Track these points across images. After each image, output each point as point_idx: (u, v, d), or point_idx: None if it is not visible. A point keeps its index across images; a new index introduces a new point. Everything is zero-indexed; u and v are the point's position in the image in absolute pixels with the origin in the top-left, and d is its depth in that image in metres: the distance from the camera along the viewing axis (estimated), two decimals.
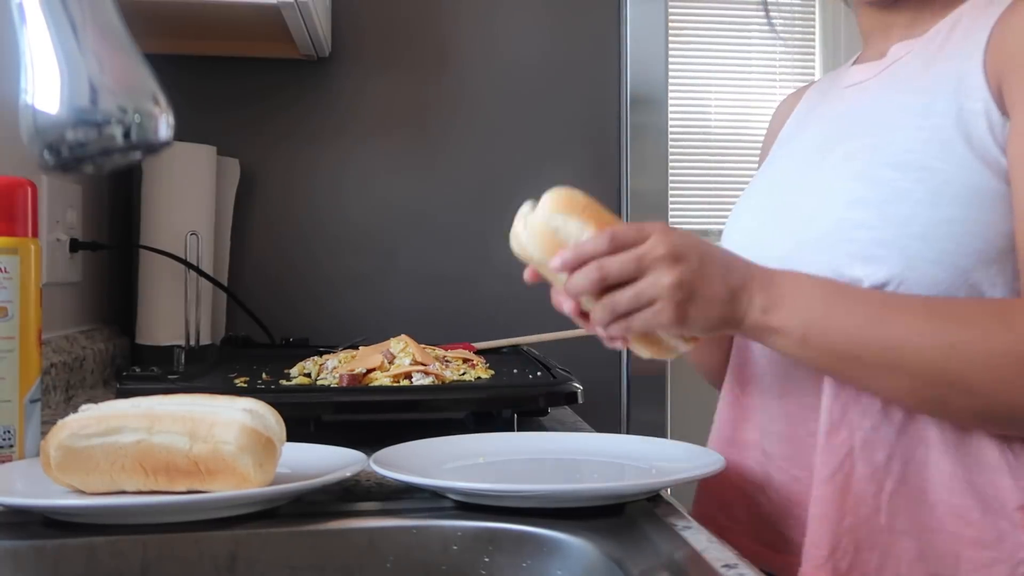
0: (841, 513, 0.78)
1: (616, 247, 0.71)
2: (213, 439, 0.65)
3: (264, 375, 1.06)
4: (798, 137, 0.97)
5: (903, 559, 0.76)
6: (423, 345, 1.10)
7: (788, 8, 2.79)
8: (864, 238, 0.77)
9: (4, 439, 0.76)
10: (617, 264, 0.71)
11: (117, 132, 0.45)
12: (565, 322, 1.45)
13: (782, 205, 0.89)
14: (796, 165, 0.92)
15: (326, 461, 0.74)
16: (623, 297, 0.71)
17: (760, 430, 0.89)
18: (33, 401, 0.78)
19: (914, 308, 0.73)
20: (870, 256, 0.76)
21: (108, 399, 0.73)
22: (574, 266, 0.72)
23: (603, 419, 1.28)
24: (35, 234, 0.79)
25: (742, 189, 1.04)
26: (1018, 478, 0.74)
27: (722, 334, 0.76)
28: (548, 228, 0.73)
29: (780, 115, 1.07)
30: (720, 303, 0.73)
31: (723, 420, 0.95)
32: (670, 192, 1.71)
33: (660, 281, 0.71)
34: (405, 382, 0.99)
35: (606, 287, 0.72)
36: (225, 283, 1.53)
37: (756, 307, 0.74)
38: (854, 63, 0.96)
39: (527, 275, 0.78)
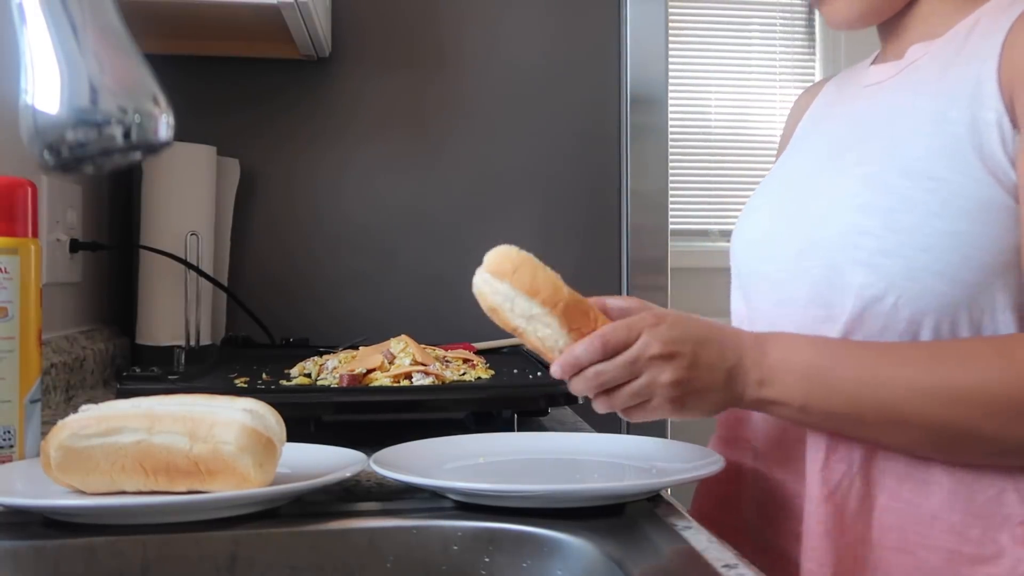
0: (841, 530, 0.78)
1: (608, 353, 0.71)
2: (213, 439, 0.65)
3: (264, 375, 1.06)
4: (814, 135, 0.96)
5: (898, 574, 0.76)
6: (423, 345, 1.10)
7: (789, 8, 2.79)
8: (868, 246, 0.76)
9: (4, 439, 0.76)
10: (613, 371, 0.71)
11: (117, 132, 0.45)
12: None
13: (794, 205, 0.88)
14: (810, 164, 0.91)
15: (326, 461, 0.74)
16: (620, 397, 0.72)
17: (754, 430, 0.89)
18: (33, 401, 0.78)
19: (911, 360, 0.72)
20: (873, 265, 0.76)
21: (108, 399, 0.73)
22: (571, 374, 0.72)
23: (603, 419, 1.28)
24: (35, 234, 0.79)
25: (742, 189, 1.04)
26: (1022, 492, 0.74)
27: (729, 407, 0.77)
28: (479, 289, 0.75)
29: (797, 110, 1.05)
30: (718, 390, 0.73)
31: (723, 420, 0.95)
32: (670, 192, 1.71)
33: (657, 380, 0.71)
34: (405, 382, 0.99)
35: (609, 391, 0.72)
36: (225, 283, 1.53)
37: (752, 383, 0.74)
38: (873, 62, 0.94)
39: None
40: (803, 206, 0.86)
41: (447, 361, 1.09)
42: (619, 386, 0.72)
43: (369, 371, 1.02)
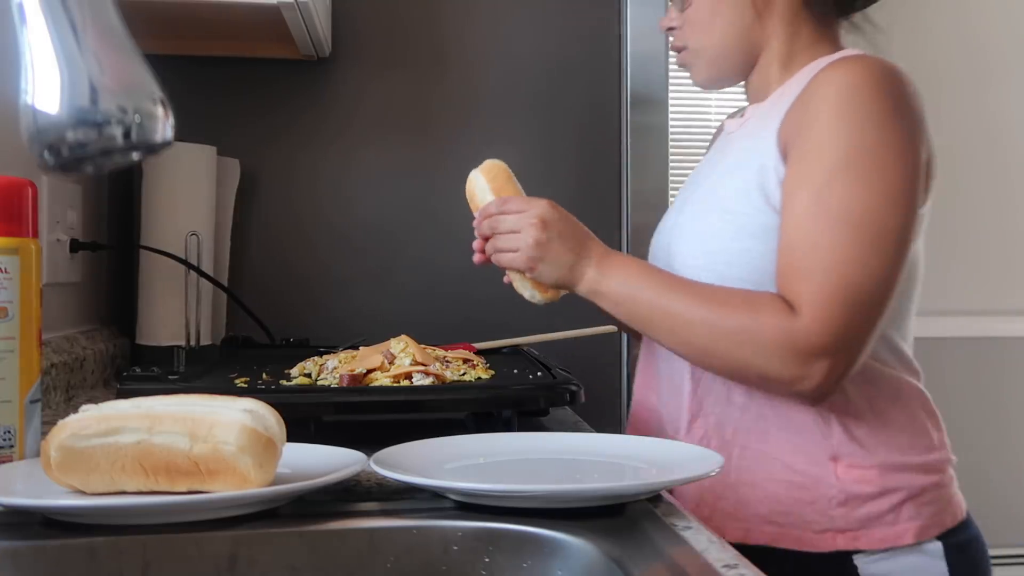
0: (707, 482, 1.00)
1: (505, 209, 1.03)
2: (213, 439, 0.65)
3: (264, 375, 1.06)
4: (698, 171, 1.19)
5: (751, 503, 0.99)
6: (423, 345, 1.10)
7: None
8: (693, 264, 1.02)
9: (4, 439, 0.76)
10: (503, 220, 1.02)
11: (117, 132, 0.45)
12: (565, 322, 1.45)
13: (663, 234, 1.13)
14: (683, 198, 1.15)
15: (326, 461, 0.74)
16: (499, 240, 1.03)
17: (660, 398, 1.09)
18: (33, 401, 0.78)
19: (691, 292, 0.97)
20: (699, 279, 1.00)
21: (108, 399, 0.72)
22: (481, 218, 1.05)
23: (603, 419, 1.28)
24: (35, 234, 0.79)
25: None
26: (826, 436, 0.98)
27: (569, 290, 1.03)
28: (469, 179, 1.09)
29: (717, 133, 1.23)
30: (564, 266, 1.00)
31: (638, 385, 1.16)
32: (670, 192, 1.71)
33: (526, 238, 1.00)
34: (405, 382, 0.99)
35: (497, 234, 1.03)
36: (225, 283, 1.53)
37: (589, 276, 1.00)
38: (743, 114, 1.14)
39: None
40: (666, 235, 1.12)
41: (447, 361, 1.09)
42: (502, 234, 1.02)
43: (369, 371, 1.02)
